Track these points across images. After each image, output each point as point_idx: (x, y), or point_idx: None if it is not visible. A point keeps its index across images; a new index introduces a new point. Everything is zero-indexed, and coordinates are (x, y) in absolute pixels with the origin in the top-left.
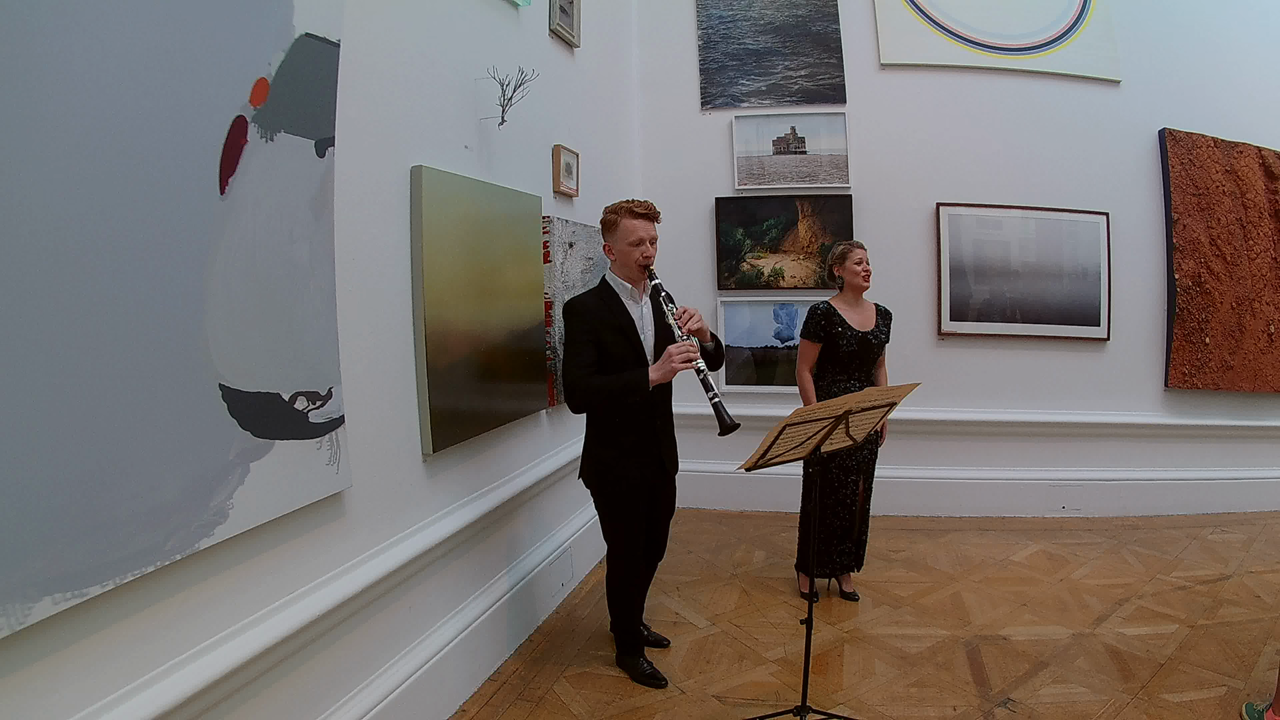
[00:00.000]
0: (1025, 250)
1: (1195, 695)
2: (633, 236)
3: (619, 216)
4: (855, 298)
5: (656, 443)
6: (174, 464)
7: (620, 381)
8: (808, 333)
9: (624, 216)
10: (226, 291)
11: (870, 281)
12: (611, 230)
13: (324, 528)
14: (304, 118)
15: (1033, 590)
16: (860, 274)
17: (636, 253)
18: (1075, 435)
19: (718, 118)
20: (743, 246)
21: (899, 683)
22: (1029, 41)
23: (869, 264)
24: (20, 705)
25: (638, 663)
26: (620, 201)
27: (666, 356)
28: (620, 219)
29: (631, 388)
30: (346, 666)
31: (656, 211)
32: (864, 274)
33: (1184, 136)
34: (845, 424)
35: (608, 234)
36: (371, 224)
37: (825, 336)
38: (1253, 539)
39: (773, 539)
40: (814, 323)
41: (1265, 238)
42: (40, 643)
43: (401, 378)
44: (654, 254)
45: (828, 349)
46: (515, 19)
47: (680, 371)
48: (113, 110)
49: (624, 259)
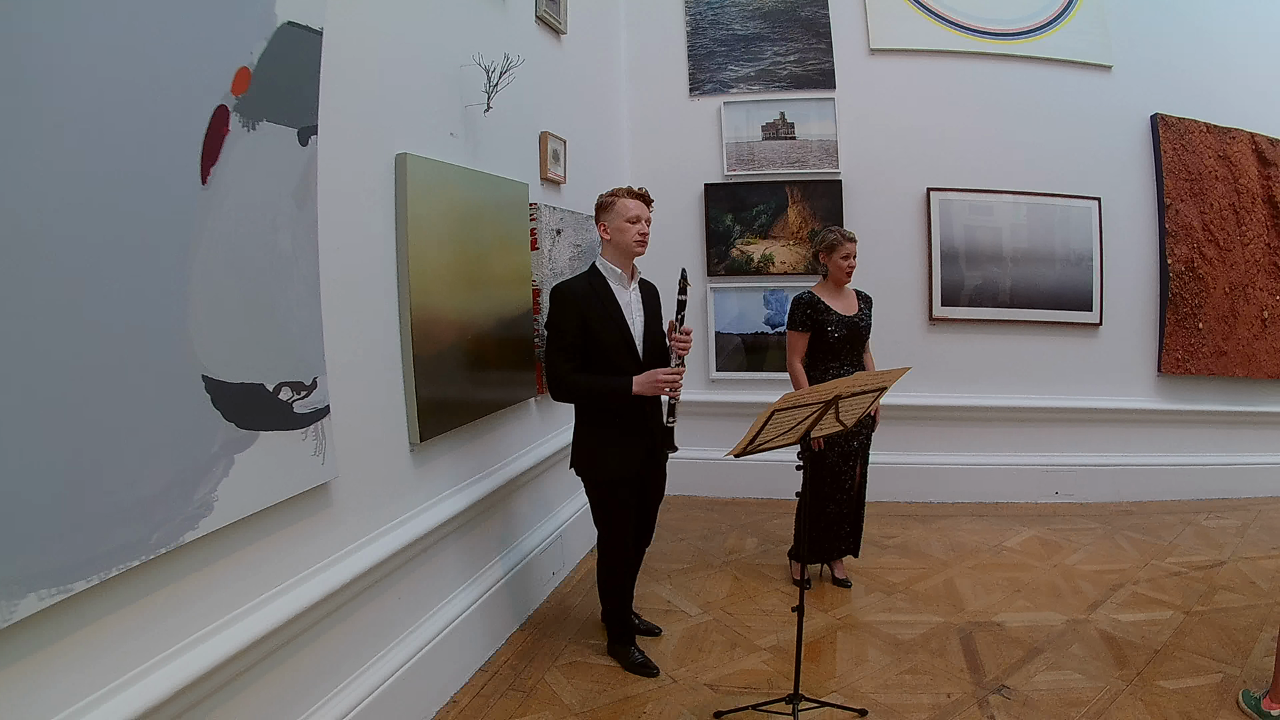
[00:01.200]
0: (1017, 235)
1: (1191, 682)
2: (629, 214)
3: (616, 197)
4: (837, 286)
5: (645, 430)
6: (157, 457)
7: (603, 385)
8: (794, 324)
9: (621, 196)
10: (209, 282)
11: (852, 277)
12: (608, 209)
13: (310, 519)
14: (286, 106)
15: (1026, 576)
16: (845, 269)
17: (633, 230)
18: (1068, 421)
19: (706, 104)
20: (732, 232)
21: (892, 670)
22: (1020, 26)
23: (855, 260)
24: (8, 702)
25: (629, 651)
26: (616, 187)
27: (653, 378)
28: (618, 199)
29: (614, 394)
30: (336, 658)
31: (650, 198)
32: (848, 269)
33: (1176, 122)
34: (835, 409)
35: (604, 214)
36: (356, 212)
37: (813, 325)
38: (1247, 525)
39: (764, 526)
40: (800, 313)
41: (1259, 223)
42: (26, 639)
43: (387, 367)
44: (648, 234)
45: (817, 338)
46: (501, 5)
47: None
48: (93, 100)
49: (620, 236)
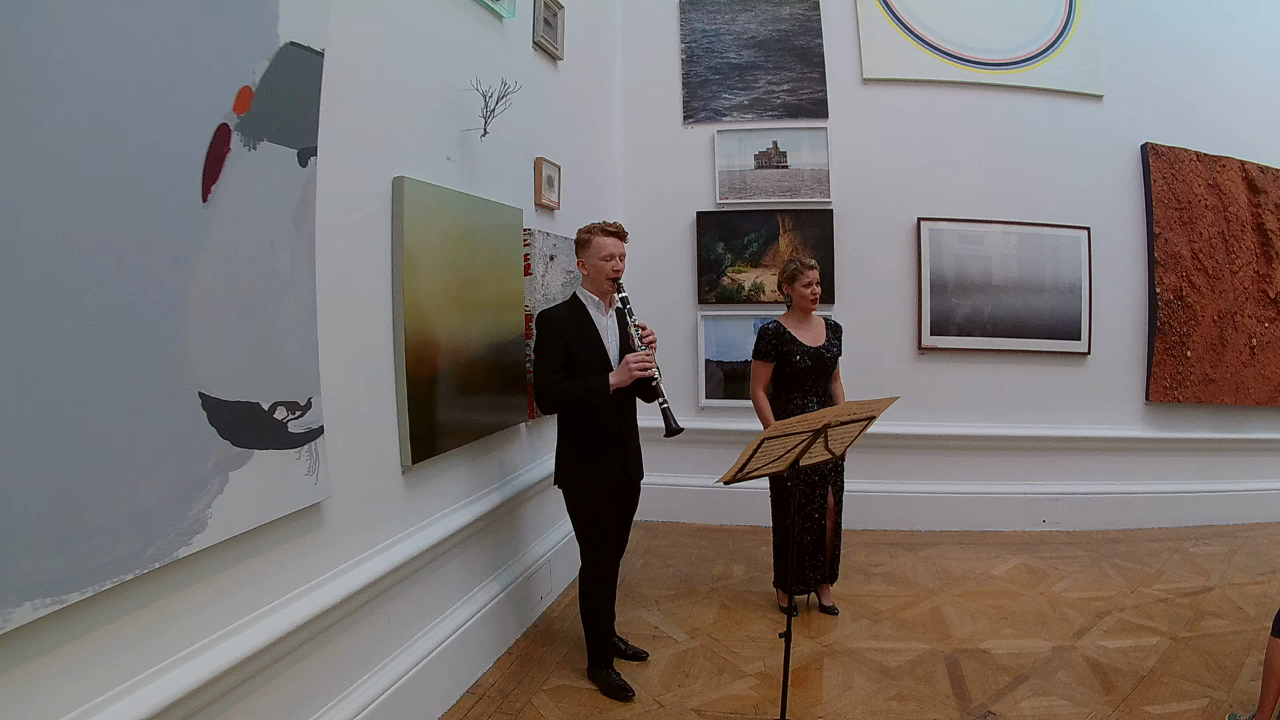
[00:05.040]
0: (1006, 265)
1: (1177, 707)
2: (604, 252)
3: (592, 235)
4: (804, 315)
5: (620, 447)
6: (153, 472)
7: (584, 386)
8: (759, 353)
9: (597, 234)
10: (207, 300)
11: (818, 303)
12: (585, 247)
13: (302, 538)
14: (287, 127)
15: (1013, 604)
16: (808, 296)
17: (607, 267)
18: (1056, 449)
19: (700, 132)
20: (724, 261)
21: (879, 696)
22: (1012, 56)
23: (818, 286)
24: (1, 711)
25: (607, 674)
26: (593, 223)
27: (625, 364)
28: (594, 236)
29: (594, 391)
30: (324, 677)
31: (625, 231)
32: (811, 297)
33: (1166, 151)
34: (824, 437)
35: (581, 251)
36: (353, 234)
37: (777, 355)
38: (1234, 551)
39: (752, 553)
40: (764, 343)
41: (1247, 251)
42: (20, 648)
43: (381, 389)
44: (623, 269)
45: (782, 367)
46: (499, 31)
47: (638, 377)
48: (96, 117)
49: (595, 273)
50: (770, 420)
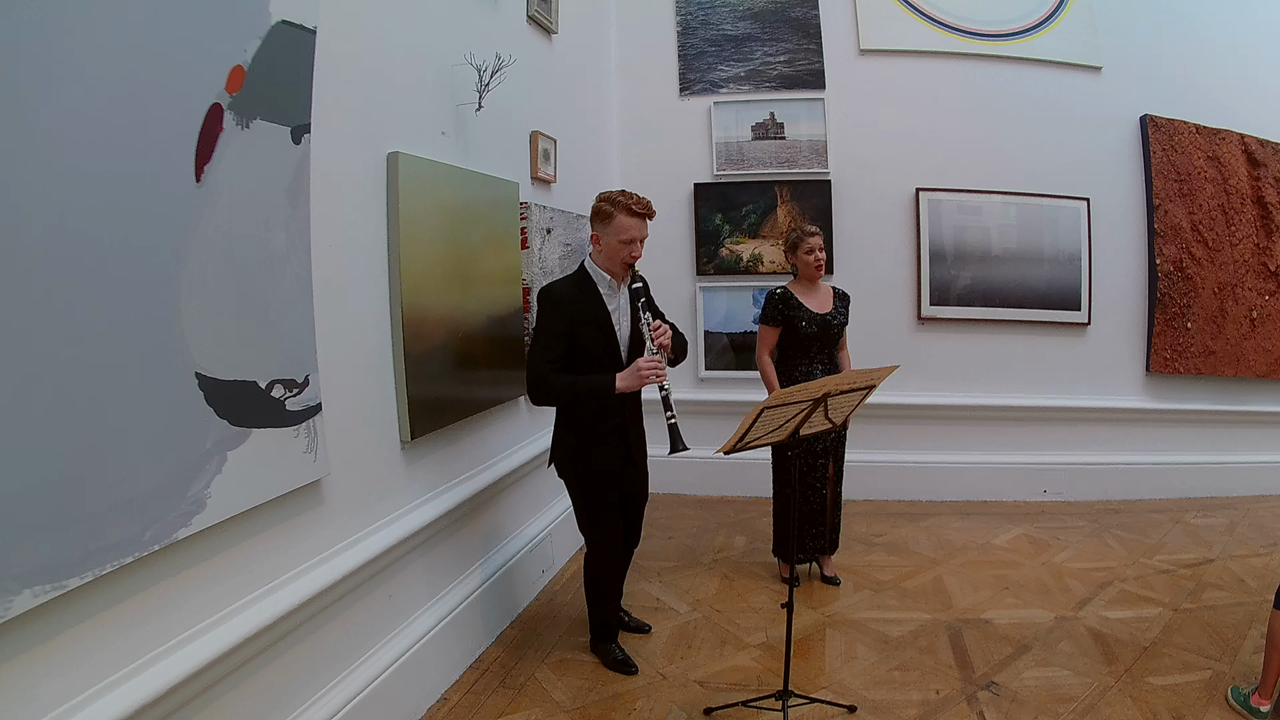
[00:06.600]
0: (1006, 235)
1: (1180, 678)
2: (625, 235)
3: (615, 211)
4: (811, 283)
5: (624, 432)
6: (151, 454)
7: (586, 384)
8: (766, 318)
9: (620, 212)
10: (202, 279)
11: (823, 270)
12: (605, 221)
13: (302, 516)
14: (280, 105)
15: (1015, 574)
16: (811, 263)
17: (625, 251)
18: (1056, 420)
19: (696, 104)
20: (721, 232)
21: (881, 666)
22: (1010, 28)
23: (821, 253)
24: (3, 698)
25: (610, 649)
26: (617, 193)
27: (635, 369)
28: (616, 214)
29: (596, 392)
30: (328, 655)
31: (653, 211)
32: (815, 263)
33: (1165, 123)
34: (824, 407)
35: (599, 223)
36: (348, 211)
37: (784, 320)
38: (1235, 523)
39: (753, 524)
40: (772, 307)
41: (1247, 223)
42: (22, 636)
43: (379, 365)
44: (641, 254)
45: (788, 333)
46: (493, 5)
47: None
48: (87, 98)
49: (611, 253)
50: (775, 385)
